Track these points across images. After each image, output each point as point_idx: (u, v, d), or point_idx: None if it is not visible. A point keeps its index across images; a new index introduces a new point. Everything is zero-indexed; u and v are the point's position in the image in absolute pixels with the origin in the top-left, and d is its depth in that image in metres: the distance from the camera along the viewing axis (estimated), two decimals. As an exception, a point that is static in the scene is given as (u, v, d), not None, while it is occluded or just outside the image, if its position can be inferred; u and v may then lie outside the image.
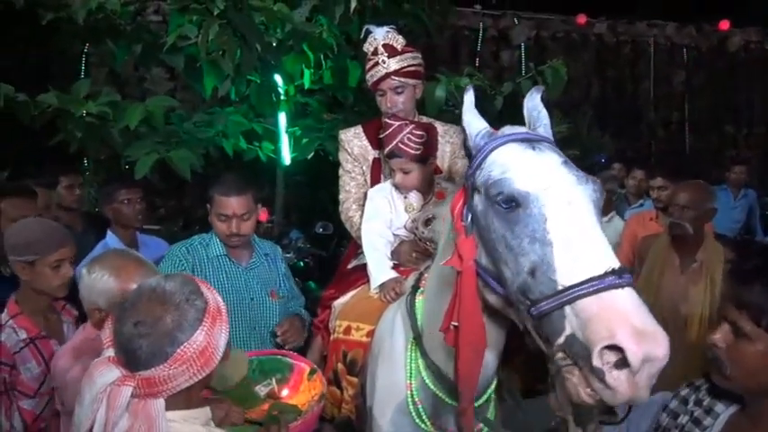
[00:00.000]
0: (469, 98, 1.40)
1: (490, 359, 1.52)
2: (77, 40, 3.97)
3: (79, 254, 2.23)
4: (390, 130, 2.10)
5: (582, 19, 7.41)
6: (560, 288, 1.13)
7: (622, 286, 1.10)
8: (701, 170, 5.82)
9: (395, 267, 2.11)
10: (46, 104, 2.94)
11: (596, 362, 1.05)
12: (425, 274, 1.76)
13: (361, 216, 2.27)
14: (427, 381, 1.62)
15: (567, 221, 1.19)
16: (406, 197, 2.19)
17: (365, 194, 2.33)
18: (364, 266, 2.17)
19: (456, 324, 1.36)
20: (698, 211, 2.68)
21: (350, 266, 2.36)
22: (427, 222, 2.18)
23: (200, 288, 1.18)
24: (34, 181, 2.95)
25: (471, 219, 1.34)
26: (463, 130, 1.39)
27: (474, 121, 1.39)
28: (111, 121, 3.12)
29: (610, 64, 7.77)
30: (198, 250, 2.32)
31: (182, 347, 1.10)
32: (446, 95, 3.55)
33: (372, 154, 2.42)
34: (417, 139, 2.07)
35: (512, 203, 1.22)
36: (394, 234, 2.21)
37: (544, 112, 1.46)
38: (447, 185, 2.24)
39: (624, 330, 1.04)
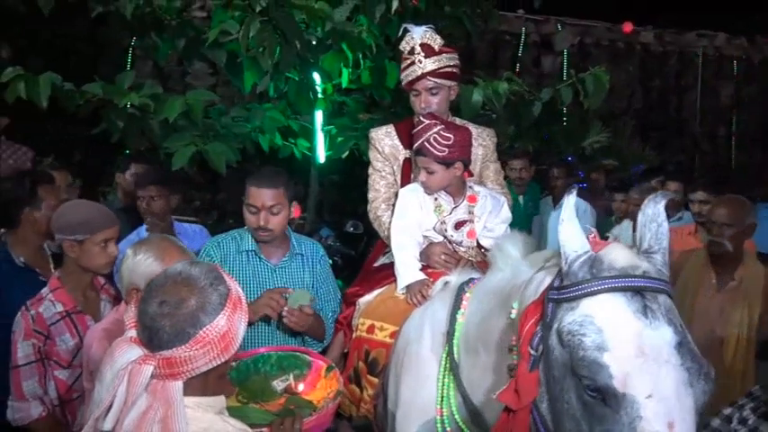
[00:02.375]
0: (571, 202, 1.17)
1: None
2: (125, 33, 4.06)
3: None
4: (420, 127, 2.09)
5: (628, 27, 7.26)
6: None
7: None
8: (746, 186, 5.62)
9: (423, 269, 2.09)
10: (91, 94, 3.02)
11: None
12: (467, 294, 1.68)
13: (390, 216, 2.26)
14: (456, 415, 1.58)
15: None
16: (436, 199, 2.17)
17: (395, 194, 2.32)
18: (391, 265, 2.16)
19: None
20: (738, 228, 2.59)
21: (376, 264, 2.35)
22: (457, 226, 2.16)
23: (223, 276, 1.20)
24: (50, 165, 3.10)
25: (542, 352, 1.16)
26: (560, 238, 1.18)
27: (573, 238, 1.16)
28: (152, 113, 3.19)
29: (655, 74, 7.60)
30: (228, 244, 2.29)
31: (204, 329, 1.12)
32: (483, 100, 3.51)
33: (403, 153, 2.40)
34: (444, 141, 2.04)
35: (600, 396, 1.04)
36: (423, 235, 2.20)
37: (665, 228, 1.20)
38: (479, 189, 2.22)
39: None
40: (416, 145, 2.09)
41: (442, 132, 2.04)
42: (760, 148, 7.86)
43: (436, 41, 2.29)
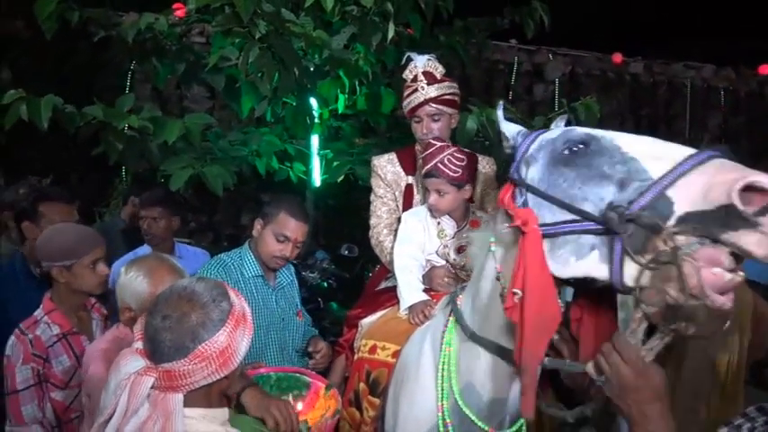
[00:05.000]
0: (500, 111, 1.55)
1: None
2: (125, 57, 4.13)
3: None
4: (432, 149, 2.11)
5: (618, 58, 7.41)
6: (656, 178, 1.14)
7: (717, 157, 1.12)
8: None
9: (426, 291, 2.11)
10: (91, 116, 3.05)
11: (740, 205, 0.99)
12: (460, 295, 1.73)
13: (393, 241, 2.29)
14: (462, 406, 1.59)
15: (638, 141, 1.25)
16: (439, 223, 2.19)
17: (397, 220, 2.35)
18: (394, 288, 2.17)
19: (519, 292, 1.31)
20: None
21: (379, 288, 2.37)
22: (460, 249, 2.19)
23: (228, 292, 1.23)
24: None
25: (526, 194, 1.38)
26: (502, 134, 1.51)
27: (510, 125, 1.53)
28: (151, 136, 3.23)
29: (644, 103, 7.74)
30: (232, 271, 2.24)
31: (203, 345, 1.15)
32: (477, 127, 3.58)
33: (405, 180, 2.44)
34: (458, 162, 2.08)
35: (580, 145, 1.29)
36: (425, 259, 2.22)
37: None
38: (482, 215, 2.26)
39: (749, 173, 1.02)
40: (428, 167, 2.10)
41: (455, 154, 2.09)
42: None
43: (438, 70, 2.35)
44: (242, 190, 3.94)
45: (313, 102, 3.76)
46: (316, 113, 3.81)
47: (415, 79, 2.34)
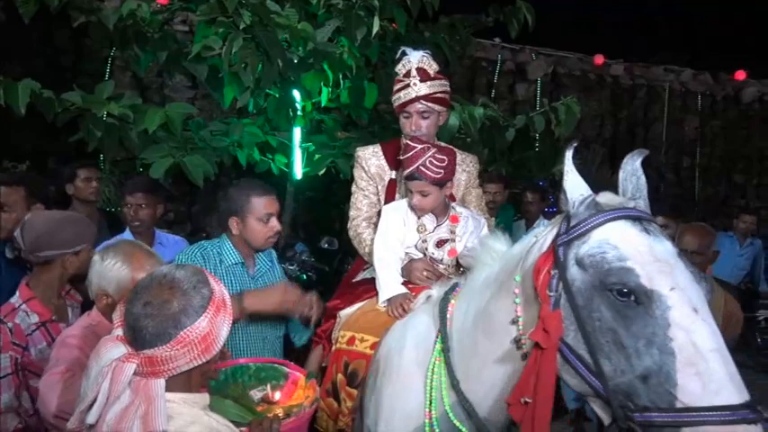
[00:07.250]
0: (570, 156, 1.32)
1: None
2: (106, 43, 4.06)
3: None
4: (413, 152, 2.11)
5: (599, 59, 7.52)
6: (680, 406, 1.08)
7: (756, 422, 1.04)
8: (708, 216, 5.82)
9: (404, 284, 2.11)
10: (70, 102, 3.01)
11: None
12: (452, 301, 1.71)
13: (371, 234, 2.29)
14: (453, 418, 1.59)
15: (694, 332, 1.11)
16: (419, 217, 2.21)
17: (376, 213, 2.34)
18: (372, 280, 2.17)
19: (528, 400, 1.29)
20: (706, 255, 2.69)
21: (357, 279, 2.37)
22: (439, 243, 2.21)
23: (208, 278, 1.24)
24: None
25: (562, 290, 1.26)
26: (563, 191, 1.32)
27: (577, 184, 1.31)
28: (131, 124, 3.19)
29: (624, 105, 7.86)
30: (211, 258, 2.23)
31: (184, 331, 1.16)
32: (459, 123, 3.60)
33: (389, 174, 2.43)
34: (439, 163, 2.09)
35: (630, 298, 1.16)
36: (404, 252, 2.22)
37: (643, 180, 1.36)
38: (461, 210, 2.27)
39: None
40: (410, 170, 2.10)
41: (436, 155, 2.09)
42: (722, 180, 8.17)
43: (432, 67, 2.33)
44: (222, 181, 3.92)
45: (296, 94, 3.75)
46: (298, 106, 3.80)
47: (407, 74, 2.32)
